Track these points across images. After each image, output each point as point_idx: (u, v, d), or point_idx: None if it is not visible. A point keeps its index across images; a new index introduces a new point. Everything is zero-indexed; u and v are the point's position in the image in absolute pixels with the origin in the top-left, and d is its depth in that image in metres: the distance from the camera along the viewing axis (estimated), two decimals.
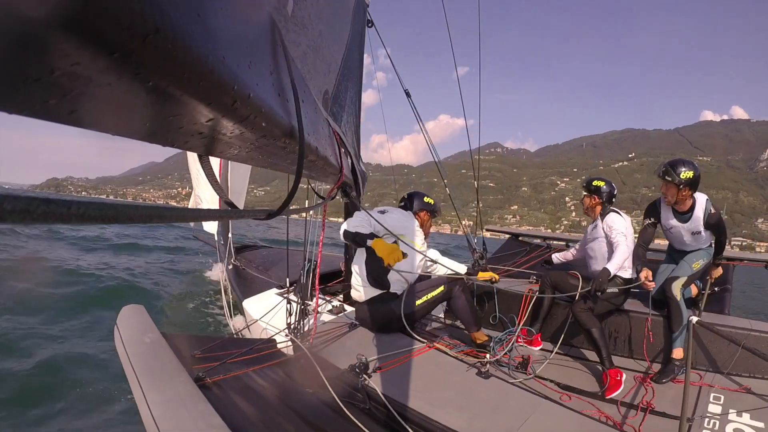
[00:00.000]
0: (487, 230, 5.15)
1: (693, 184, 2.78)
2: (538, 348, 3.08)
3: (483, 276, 3.22)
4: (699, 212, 2.87)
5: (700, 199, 2.88)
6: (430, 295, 2.82)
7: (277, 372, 2.33)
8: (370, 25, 3.51)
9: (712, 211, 2.85)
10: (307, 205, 3.30)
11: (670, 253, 3.29)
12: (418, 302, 2.78)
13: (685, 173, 2.74)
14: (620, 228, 2.95)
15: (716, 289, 3.37)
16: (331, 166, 1.29)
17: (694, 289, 3.29)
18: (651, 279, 2.79)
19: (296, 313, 2.88)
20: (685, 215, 2.92)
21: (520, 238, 5.22)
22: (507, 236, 5.26)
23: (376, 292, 2.86)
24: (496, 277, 3.28)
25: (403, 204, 3.27)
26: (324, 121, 1.24)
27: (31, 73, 0.24)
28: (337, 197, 2.86)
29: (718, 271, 3.24)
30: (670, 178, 2.77)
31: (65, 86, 0.27)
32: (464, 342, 3.03)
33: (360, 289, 2.91)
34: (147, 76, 0.32)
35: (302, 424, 1.85)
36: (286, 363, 2.48)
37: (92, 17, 0.24)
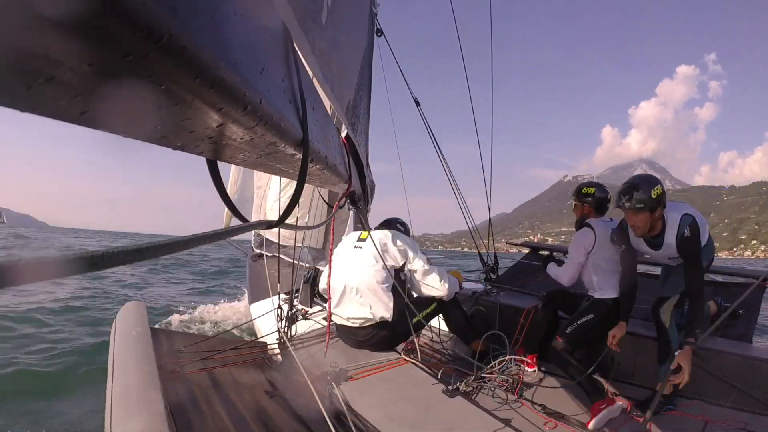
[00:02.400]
0: (508, 243, 5.01)
1: (661, 203, 2.23)
2: (532, 369, 2.77)
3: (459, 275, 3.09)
4: (670, 237, 2.28)
5: (672, 216, 2.28)
6: (424, 313, 2.74)
7: (251, 372, 2.38)
8: (379, 34, 3.52)
9: (687, 233, 2.22)
10: (310, 210, 3.29)
11: None
12: (414, 320, 2.66)
13: (656, 190, 2.18)
14: (573, 250, 2.66)
15: (740, 312, 2.92)
16: (339, 175, 1.30)
17: (712, 306, 2.91)
18: (616, 342, 2.37)
19: (285, 318, 2.90)
20: (655, 240, 2.37)
21: (539, 253, 4.82)
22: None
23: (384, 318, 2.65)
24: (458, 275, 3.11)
25: (398, 226, 3.03)
26: (335, 130, 1.24)
27: (44, 72, 0.24)
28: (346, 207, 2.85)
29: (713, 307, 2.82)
30: (641, 205, 2.18)
31: (78, 86, 0.27)
32: (453, 356, 2.93)
33: (374, 316, 2.61)
34: (159, 79, 0.32)
35: (255, 423, 1.89)
36: (262, 365, 2.54)
37: (108, 19, 0.24)
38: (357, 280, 2.61)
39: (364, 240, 2.75)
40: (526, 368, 2.72)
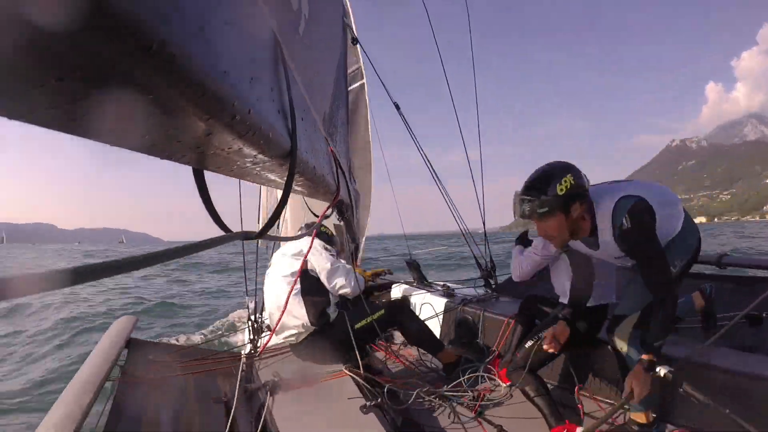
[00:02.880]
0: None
1: (578, 196, 1.69)
2: (506, 385, 2.38)
3: (367, 274, 3.01)
4: (605, 234, 1.74)
5: (604, 206, 1.73)
6: (368, 319, 2.61)
7: (211, 381, 2.43)
8: (354, 42, 3.50)
9: (626, 224, 1.65)
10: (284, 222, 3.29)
11: None
12: (357, 326, 2.55)
13: (563, 183, 1.66)
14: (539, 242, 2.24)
15: (765, 315, 2.27)
16: (327, 185, 1.30)
17: (698, 299, 2.27)
18: (553, 341, 2.02)
19: (250, 330, 2.94)
20: (590, 239, 1.85)
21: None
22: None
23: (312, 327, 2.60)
24: (367, 274, 2.97)
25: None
26: (323, 140, 1.25)
27: (35, 80, 0.24)
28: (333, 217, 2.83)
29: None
30: (545, 209, 1.68)
31: (68, 94, 0.27)
32: (430, 368, 2.80)
33: (299, 328, 2.59)
34: (149, 87, 0.32)
35: (186, 426, 1.97)
36: (229, 374, 2.56)
37: (98, 27, 0.24)
38: (271, 302, 2.65)
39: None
40: (502, 383, 2.40)
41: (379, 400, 2.08)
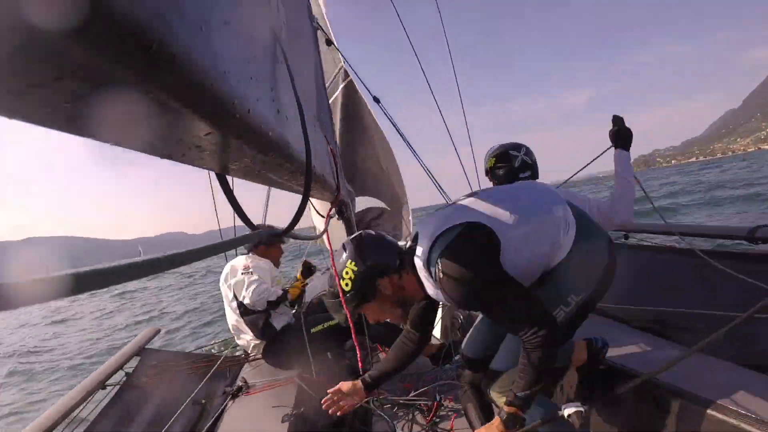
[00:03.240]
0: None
1: (376, 275, 1.30)
2: None
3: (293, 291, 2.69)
4: (429, 288, 1.31)
5: (418, 260, 1.28)
6: (324, 325, 2.60)
7: (199, 383, 2.55)
8: (329, 44, 3.45)
9: (441, 275, 1.17)
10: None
11: None
12: (313, 330, 2.57)
13: (345, 280, 1.30)
14: None
15: None
16: (327, 185, 1.30)
17: (579, 352, 1.66)
18: (334, 402, 1.57)
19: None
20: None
21: None
22: None
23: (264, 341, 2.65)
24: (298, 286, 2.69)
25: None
26: (323, 140, 1.25)
27: (33, 79, 0.24)
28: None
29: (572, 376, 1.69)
30: (342, 313, 1.37)
31: (67, 94, 0.27)
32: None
33: (255, 340, 2.65)
34: (148, 87, 0.32)
35: (156, 426, 2.10)
36: (223, 376, 2.70)
37: (97, 26, 0.24)
38: (229, 326, 2.75)
39: None
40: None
41: (302, 409, 2.08)
